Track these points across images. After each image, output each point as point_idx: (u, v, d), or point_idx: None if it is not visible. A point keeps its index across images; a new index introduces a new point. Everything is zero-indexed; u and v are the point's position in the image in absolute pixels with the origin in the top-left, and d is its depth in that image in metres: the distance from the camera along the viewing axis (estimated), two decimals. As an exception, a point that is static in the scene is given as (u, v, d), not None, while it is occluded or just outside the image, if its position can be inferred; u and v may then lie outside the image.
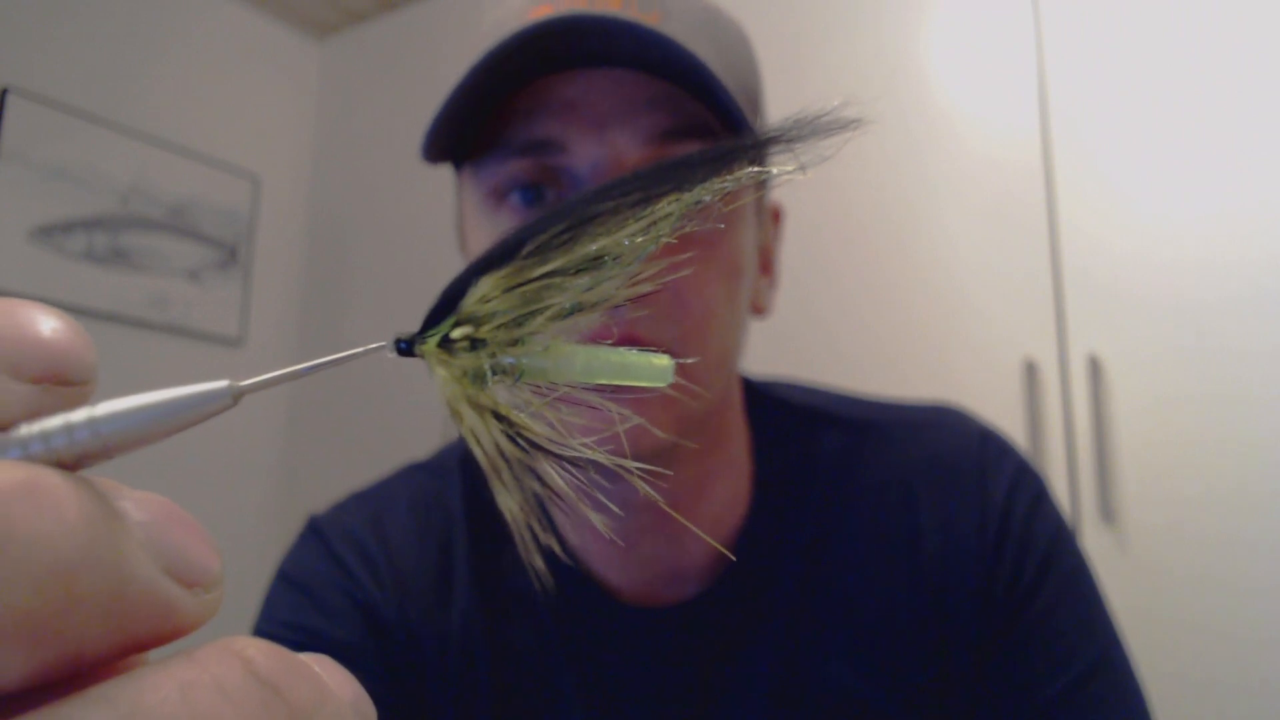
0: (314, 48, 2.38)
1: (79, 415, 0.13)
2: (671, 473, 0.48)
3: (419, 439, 1.80)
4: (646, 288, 0.18)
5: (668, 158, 0.18)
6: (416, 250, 1.98)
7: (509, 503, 0.18)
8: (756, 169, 0.18)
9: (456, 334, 0.18)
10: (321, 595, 0.51)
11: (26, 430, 0.13)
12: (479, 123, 0.46)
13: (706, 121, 0.44)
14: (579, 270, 0.17)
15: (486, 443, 0.18)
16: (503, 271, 0.17)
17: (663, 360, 0.18)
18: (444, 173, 0.53)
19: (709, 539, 0.51)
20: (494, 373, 0.17)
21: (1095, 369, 1.22)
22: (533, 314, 0.17)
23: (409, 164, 2.03)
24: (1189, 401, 1.15)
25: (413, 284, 1.94)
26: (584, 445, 0.18)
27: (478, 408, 0.17)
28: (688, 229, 0.18)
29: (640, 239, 0.17)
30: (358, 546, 0.53)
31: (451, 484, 0.56)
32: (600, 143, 0.44)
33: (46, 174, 1.80)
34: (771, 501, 0.53)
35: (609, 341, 0.18)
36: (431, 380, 0.18)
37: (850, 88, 1.48)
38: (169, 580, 0.13)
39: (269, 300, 2.20)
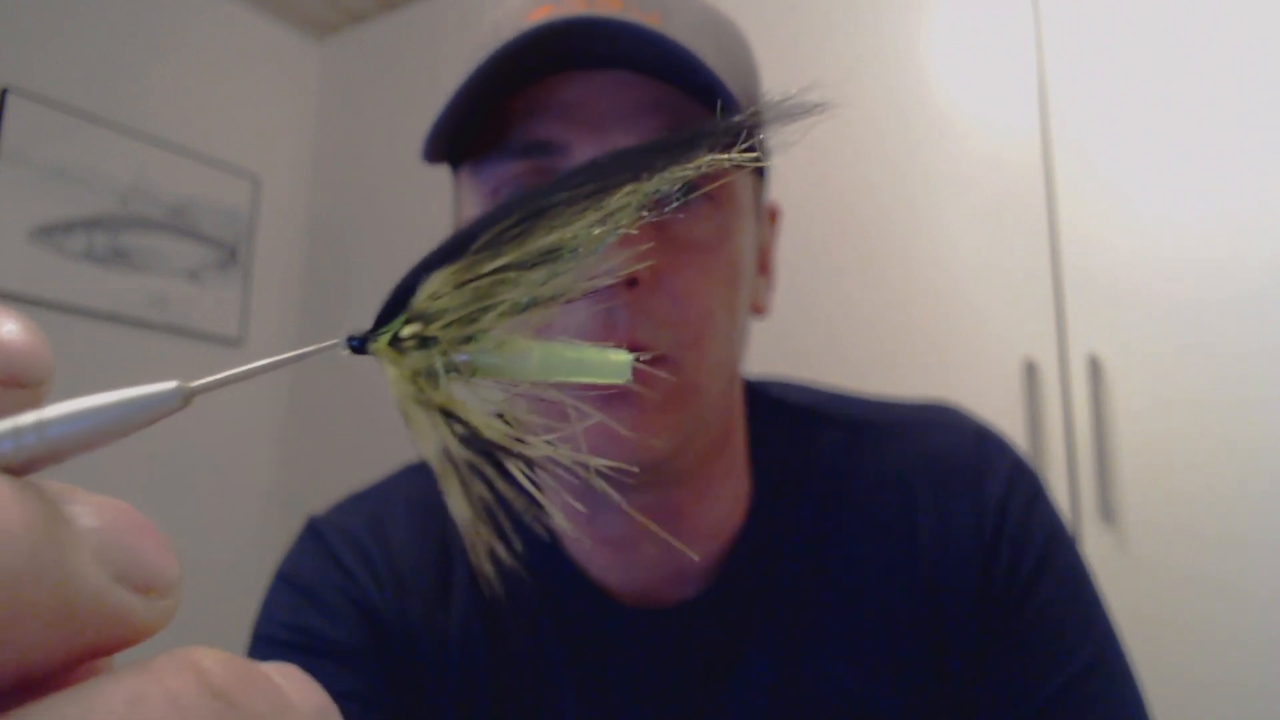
0: (314, 48, 2.38)
1: (28, 419, 0.13)
2: (670, 477, 0.48)
3: (415, 448, 1.79)
4: (605, 281, 0.18)
5: (623, 147, 0.18)
6: (416, 250, 1.96)
7: (459, 506, 0.17)
8: (716, 156, 0.18)
9: (406, 332, 0.17)
10: (321, 596, 0.51)
11: None
12: (479, 124, 0.46)
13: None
14: (534, 264, 0.17)
15: (435, 444, 0.17)
16: (454, 267, 0.17)
17: (620, 356, 0.17)
18: (444, 173, 0.53)
19: (689, 552, 0.51)
20: (446, 371, 0.17)
21: (1095, 369, 1.22)
22: (485, 310, 0.17)
23: (409, 164, 2.03)
24: (1189, 401, 1.15)
25: (413, 284, 1.94)
26: (543, 443, 0.17)
27: (428, 407, 0.17)
28: (647, 218, 0.17)
29: (598, 231, 0.17)
30: (357, 547, 0.53)
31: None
32: (601, 145, 0.44)
33: (46, 174, 1.80)
34: (769, 502, 0.53)
35: (566, 338, 0.18)
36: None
37: (850, 87, 1.48)
38: (120, 587, 0.12)
39: (269, 300, 2.20)
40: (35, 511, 0.12)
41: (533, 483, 0.17)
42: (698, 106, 0.44)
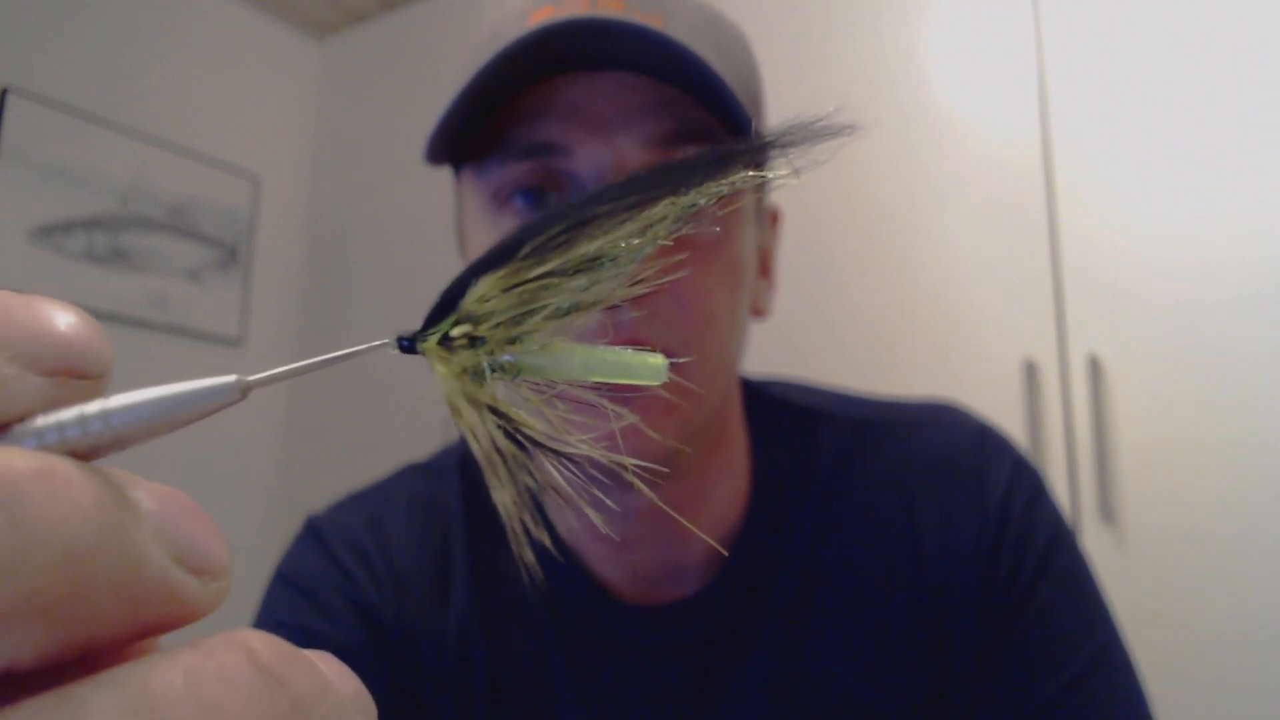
0: (314, 48, 2.38)
1: (93, 407, 0.14)
2: (669, 474, 0.48)
3: (418, 440, 1.80)
4: (643, 289, 0.18)
5: (665, 161, 0.19)
6: (416, 250, 1.98)
7: (504, 498, 0.18)
8: (752, 173, 0.19)
9: (456, 332, 0.18)
10: (320, 596, 0.51)
11: (43, 421, 0.14)
12: (482, 125, 0.46)
13: (710, 125, 0.44)
14: (576, 271, 0.18)
15: (483, 438, 0.18)
16: (501, 272, 0.18)
17: (658, 360, 0.18)
18: (444, 173, 0.53)
19: (711, 542, 0.51)
20: (492, 370, 0.18)
21: (1095, 369, 1.22)
22: (530, 313, 0.18)
23: (409, 164, 2.03)
24: (1189, 401, 1.15)
25: (413, 284, 1.94)
26: (580, 442, 0.18)
27: (476, 404, 0.18)
28: (684, 231, 0.18)
29: (636, 241, 0.18)
30: (356, 547, 0.53)
31: (450, 485, 0.56)
32: (603, 146, 0.44)
33: (46, 174, 1.80)
34: (770, 501, 0.53)
35: (606, 341, 0.19)
36: (431, 378, 0.18)
37: (850, 88, 1.48)
38: (178, 567, 0.13)
39: (269, 300, 2.20)
40: (103, 493, 0.12)
41: (568, 476, 0.18)
42: (700, 108, 0.44)
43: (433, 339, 0.18)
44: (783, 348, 1.37)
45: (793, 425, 0.55)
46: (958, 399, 0.59)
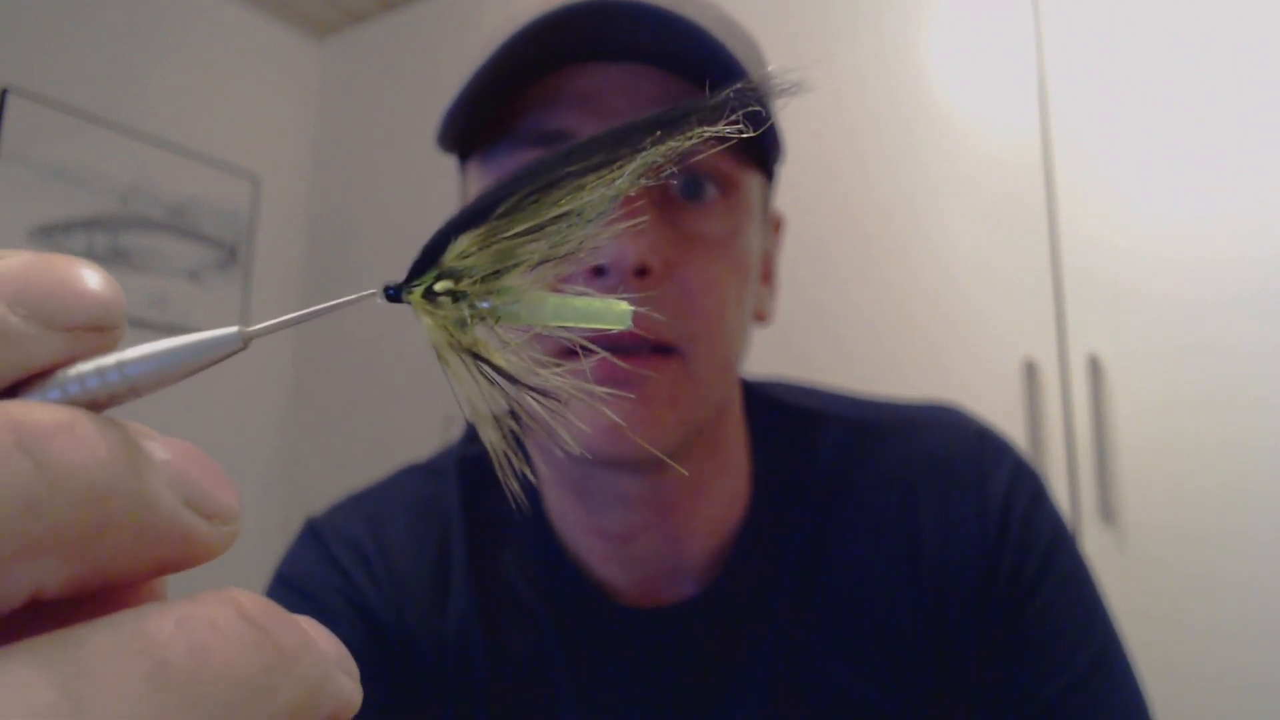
0: (314, 48, 2.38)
1: (109, 360, 0.15)
2: (666, 469, 0.48)
3: (417, 440, 1.80)
4: (610, 241, 0.20)
5: (626, 120, 0.20)
6: (416, 250, 1.98)
7: (491, 436, 0.20)
8: (710, 130, 0.20)
9: (439, 287, 0.19)
10: (319, 598, 0.51)
11: (63, 374, 0.15)
12: (493, 112, 0.46)
13: None
14: (548, 226, 0.19)
15: (467, 382, 0.19)
16: (479, 230, 0.19)
17: (622, 305, 0.20)
18: (444, 173, 0.53)
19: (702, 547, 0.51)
20: (473, 319, 0.19)
21: (1095, 369, 1.22)
22: (507, 268, 0.19)
23: (409, 164, 2.03)
24: (1189, 401, 1.15)
25: (413, 284, 1.94)
26: (556, 375, 0.19)
27: (459, 350, 0.19)
28: (645, 185, 0.20)
29: (600, 197, 0.19)
30: (355, 549, 0.53)
31: (449, 485, 0.56)
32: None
33: (46, 174, 1.80)
34: (770, 502, 0.53)
35: (577, 290, 0.20)
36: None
37: (850, 88, 1.48)
38: (189, 511, 0.14)
39: (269, 300, 2.20)
40: (118, 441, 0.14)
41: (548, 408, 0.20)
42: (698, 96, 0.44)
43: (417, 291, 0.20)
44: (783, 348, 1.37)
45: (793, 426, 0.55)
46: (958, 399, 0.59)
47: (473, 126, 0.47)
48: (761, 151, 0.46)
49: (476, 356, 0.19)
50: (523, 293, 0.19)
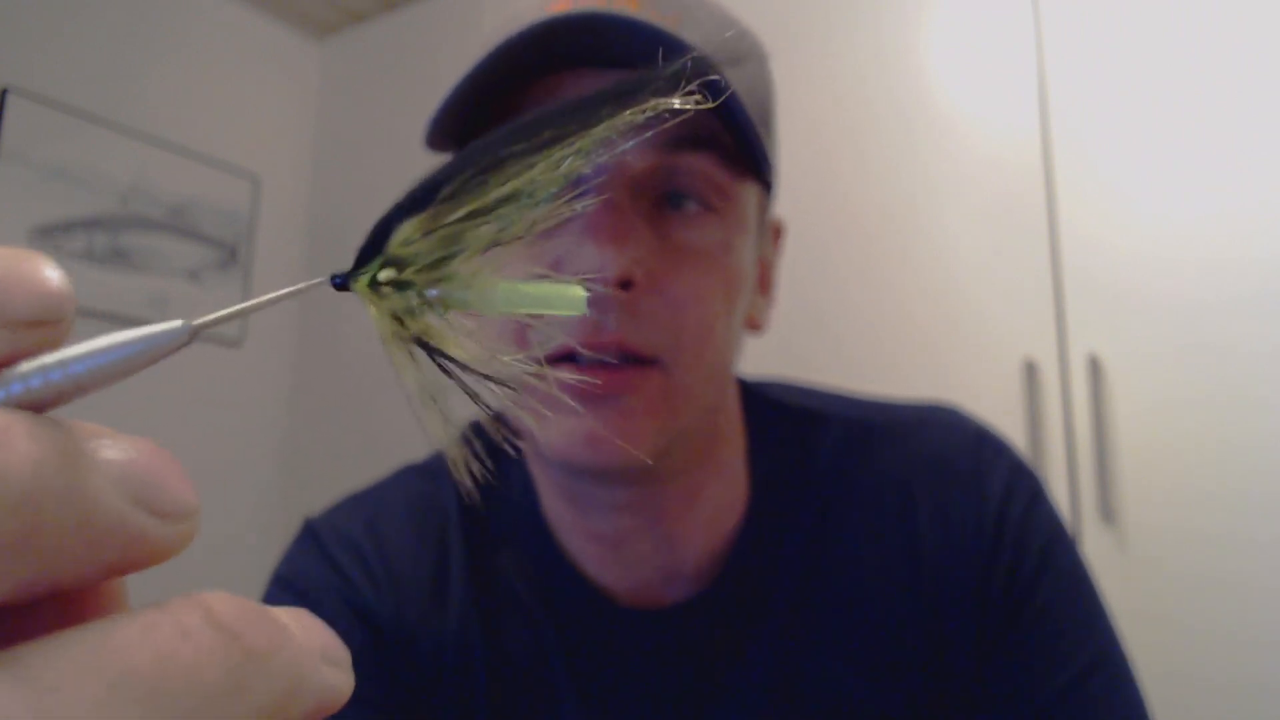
0: (314, 48, 2.38)
1: (52, 358, 0.15)
2: (657, 476, 0.48)
3: (417, 440, 1.80)
4: (560, 218, 0.19)
5: (573, 97, 0.19)
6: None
7: (439, 430, 0.19)
8: (660, 103, 0.19)
9: (383, 277, 0.19)
10: (318, 600, 0.51)
11: (4, 374, 0.15)
12: (485, 114, 0.46)
13: (716, 133, 0.44)
14: (494, 209, 0.19)
15: (413, 372, 0.19)
16: (423, 215, 0.19)
17: (576, 291, 0.19)
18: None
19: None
20: (421, 307, 0.19)
21: (1095, 369, 1.22)
22: (454, 254, 0.19)
23: (409, 164, 2.03)
24: (1189, 401, 1.15)
25: (413, 284, 1.94)
26: (511, 361, 0.19)
27: (406, 339, 0.19)
28: (597, 162, 0.19)
29: (549, 176, 0.19)
30: (354, 550, 0.53)
31: (447, 486, 0.56)
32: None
33: (46, 174, 1.80)
34: (768, 503, 0.53)
35: (529, 274, 0.20)
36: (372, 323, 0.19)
37: (850, 88, 1.48)
38: (138, 510, 0.14)
39: (269, 300, 2.20)
40: (53, 443, 0.13)
41: (503, 394, 0.19)
42: (708, 116, 0.44)
43: (363, 280, 0.19)
44: (782, 348, 1.37)
45: (791, 427, 0.55)
46: (957, 399, 0.59)
47: (466, 129, 0.47)
48: (755, 162, 0.46)
49: (426, 346, 0.19)
50: (472, 279, 0.19)
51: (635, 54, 0.43)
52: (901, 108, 1.43)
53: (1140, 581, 1.14)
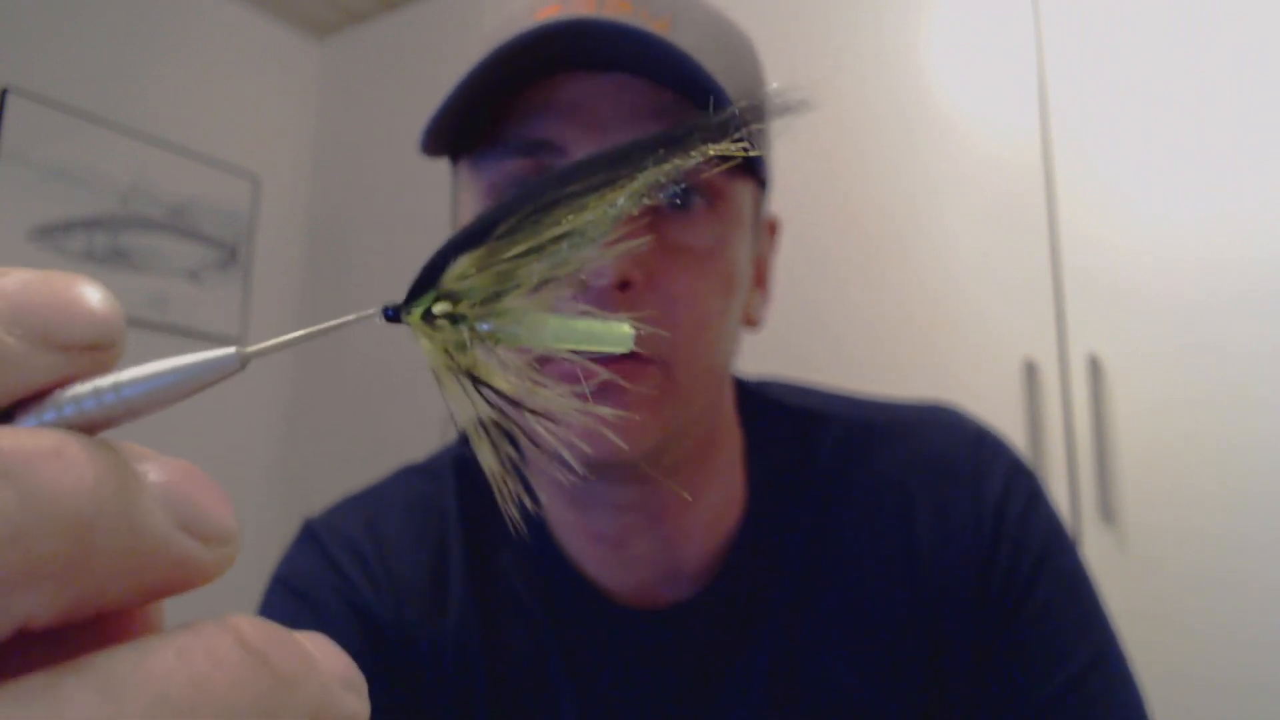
0: (314, 48, 2.38)
1: (106, 381, 0.15)
2: (653, 475, 0.48)
3: (416, 440, 1.80)
4: (607, 261, 0.20)
5: (627, 140, 0.20)
6: (416, 250, 1.98)
7: (489, 460, 0.20)
8: (711, 150, 0.20)
9: (438, 309, 0.19)
10: (318, 600, 0.51)
11: (59, 396, 0.15)
12: (480, 118, 0.46)
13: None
14: (547, 247, 0.19)
15: (466, 405, 0.19)
16: (478, 252, 0.19)
17: (623, 328, 0.19)
18: (444, 173, 0.53)
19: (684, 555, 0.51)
20: (472, 341, 0.19)
21: (1095, 369, 1.22)
22: (506, 289, 0.19)
23: (409, 164, 2.03)
24: (1189, 401, 1.15)
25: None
26: (558, 397, 0.19)
27: (458, 372, 0.19)
28: (647, 205, 0.20)
29: (601, 217, 0.19)
30: (354, 550, 0.53)
31: (446, 486, 0.56)
32: (600, 147, 0.44)
33: (46, 174, 1.80)
34: (767, 503, 0.53)
35: (577, 310, 0.20)
36: (420, 353, 0.20)
37: (851, 88, 1.48)
38: (183, 534, 0.14)
39: (269, 300, 2.20)
40: (108, 465, 0.13)
41: (547, 430, 0.20)
42: (700, 114, 0.44)
43: (416, 312, 0.19)
44: (782, 348, 1.37)
45: (790, 426, 0.55)
46: (957, 399, 0.59)
47: (459, 134, 0.47)
48: (750, 160, 0.46)
49: (475, 379, 0.19)
50: (523, 314, 0.19)
51: (627, 58, 0.43)
52: (901, 108, 1.43)
53: (1140, 581, 1.14)
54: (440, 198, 1.88)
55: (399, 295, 0.20)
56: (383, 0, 2.22)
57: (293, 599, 0.52)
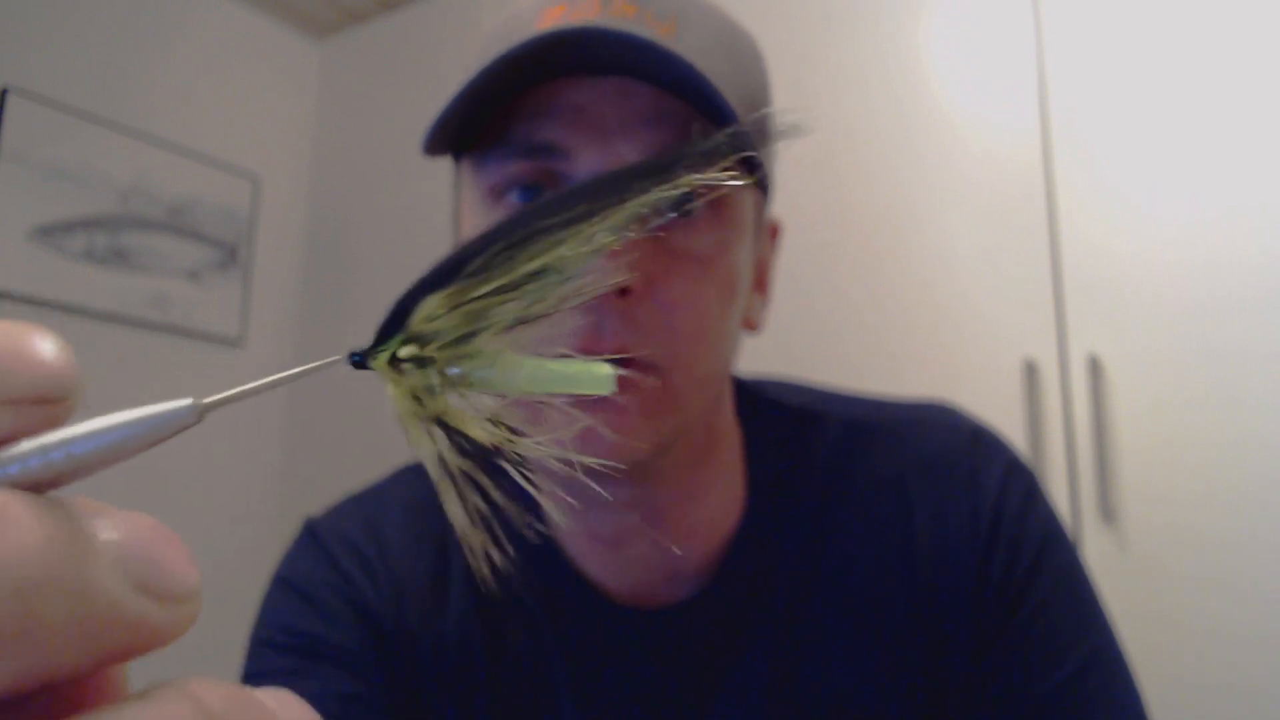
0: (314, 48, 2.38)
1: (54, 438, 0.14)
2: (651, 478, 0.48)
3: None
4: (589, 298, 0.19)
5: (609, 170, 0.19)
6: (416, 250, 1.98)
7: (455, 512, 0.19)
8: (698, 177, 0.19)
9: (404, 353, 0.18)
10: (319, 600, 0.51)
11: (4, 454, 0.14)
12: (483, 119, 0.46)
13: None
14: (521, 285, 0.18)
15: (433, 454, 0.18)
16: (447, 290, 0.18)
17: (603, 369, 0.18)
18: (444, 173, 0.53)
19: (674, 547, 0.51)
20: (442, 386, 0.18)
21: (1095, 369, 1.22)
22: (477, 330, 0.18)
23: (409, 164, 2.03)
24: (1189, 401, 1.15)
25: (413, 284, 1.94)
26: (536, 444, 0.18)
27: (425, 419, 0.18)
28: (636, 235, 0.19)
29: (582, 251, 0.18)
30: (354, 550, 0.53)
31: None
32: (603, 152, 0.44)
33: (46, 174, 1.80)
34: (766, 502, 0.53)
35: (554, 352, 0.19)
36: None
37: (850, 88, 1.48)
38: (139, 595, 0.13)
39: (269, 300, 2.20)
40: (56, 527, 0.13)
41: (526, 481, 0.19)
42: (703, 119, 0.44)
43: (382, 357, 0.18)
44: (782, 348, 1.37)
45: (789, 426, 0.55)
46: (958, 399, 0.59)
47: (462, 135, 0.47)
48: (751, 167, 0.46)
49: (445, 426, 0.18)
50: (496, 357, 0.18)
51: (630, 63, 0.43)
52: (901, 108, 1.43)
53: (1140, 581, 1.14)
54: (441, 198, 1.88)
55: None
56: (382, 0, 2.22)
57: (294, 599, 0.52)
